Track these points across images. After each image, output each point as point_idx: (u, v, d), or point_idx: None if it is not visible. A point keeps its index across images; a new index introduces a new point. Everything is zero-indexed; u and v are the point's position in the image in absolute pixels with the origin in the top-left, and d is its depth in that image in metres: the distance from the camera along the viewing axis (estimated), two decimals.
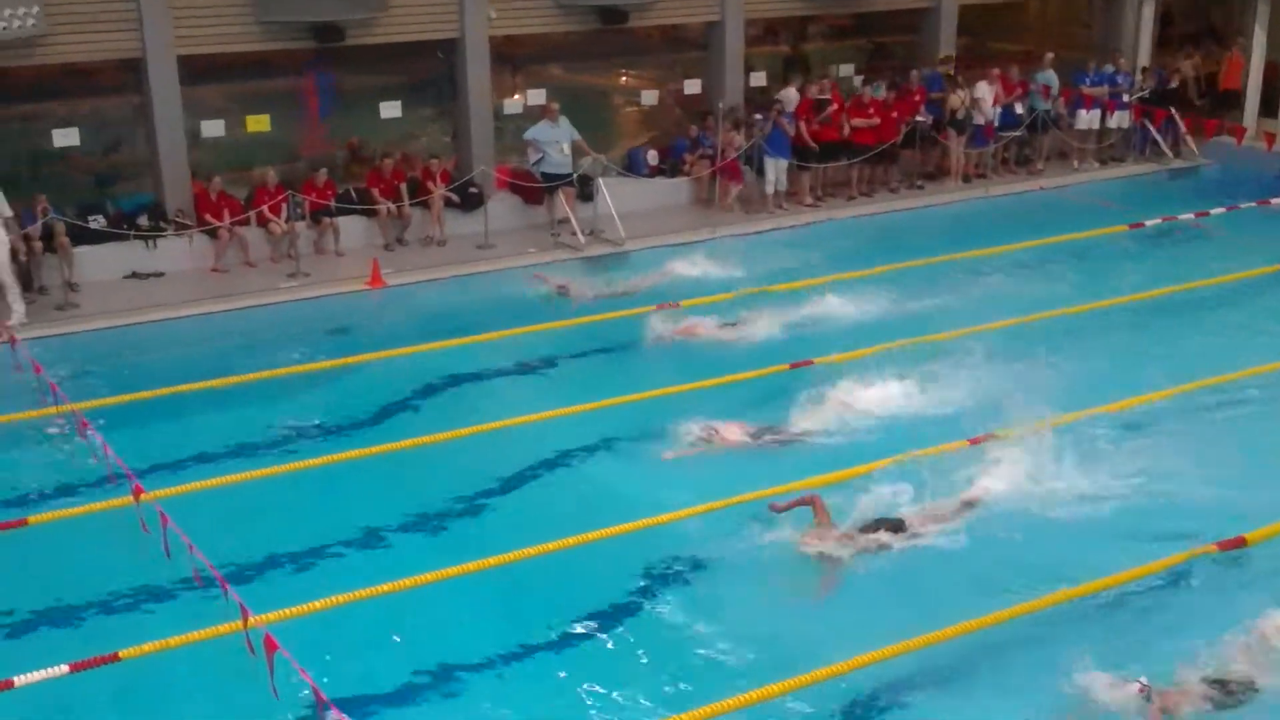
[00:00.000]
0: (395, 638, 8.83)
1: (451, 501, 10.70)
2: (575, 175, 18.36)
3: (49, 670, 8.03)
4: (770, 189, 19.37)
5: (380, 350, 13.93)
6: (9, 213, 14.82)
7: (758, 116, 19.42)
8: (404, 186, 17.87)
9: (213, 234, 16.79)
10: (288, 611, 8.61)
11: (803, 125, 19.39)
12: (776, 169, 19.29)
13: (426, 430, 11.85)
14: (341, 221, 17.54)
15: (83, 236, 16.21)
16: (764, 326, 14.32)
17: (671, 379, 12.79)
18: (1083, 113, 21.73)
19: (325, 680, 7.15)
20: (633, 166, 19.95)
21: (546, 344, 14.15)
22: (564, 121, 18.16)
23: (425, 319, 15.10)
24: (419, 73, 18.86)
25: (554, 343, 14.19)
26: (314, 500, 10.61)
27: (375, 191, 17.74)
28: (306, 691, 7.07)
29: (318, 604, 8.80)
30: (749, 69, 20.70)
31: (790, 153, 19.33)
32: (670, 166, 20.19)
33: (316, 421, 12.37)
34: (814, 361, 13.07)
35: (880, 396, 12.20)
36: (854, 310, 14.77)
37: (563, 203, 18.20)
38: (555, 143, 18.07)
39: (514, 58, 19.30)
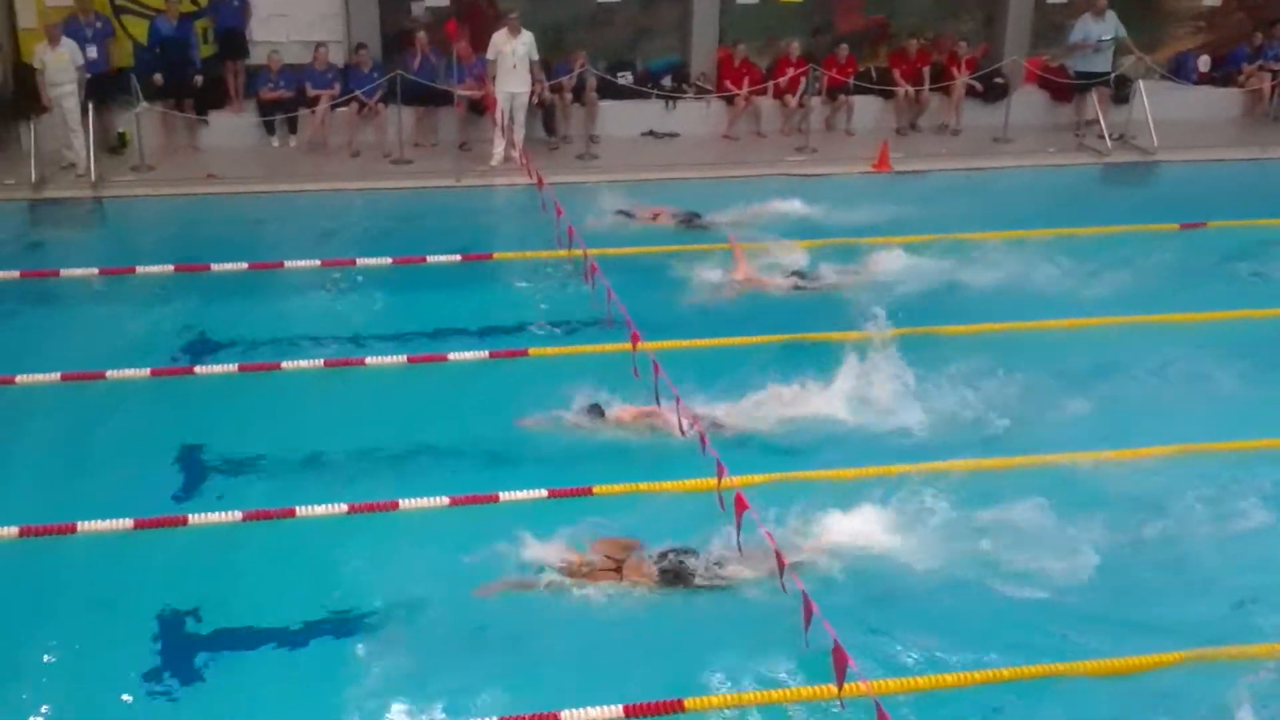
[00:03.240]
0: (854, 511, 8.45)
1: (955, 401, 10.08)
2: (1113, 75, 16.99)
3: (532, 492, 8.52)
4: None
5: (875, 236, 13.45)
6: (536, 56, 15.55)
7: None
8: (927, 70, 17.29)
9: (729, 100, 16.95)
10: (758, 477, 8.57)
11: None
12: None
13: (926, 321, 11.35)
14: (857, 100, 17.21)
15: (608, 92, 16.84)
16: None
17: None
18: None
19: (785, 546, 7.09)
20: (1180, 72, 18.24)
21: (1061, 249, 13.15)
22: (1110, 17, 16.82)
23: (929, 209, 14.47)
24: None
25: (1069, 248, 13.18)
26: (797, 371, 10.38)
27: (896, 73, 17.30)
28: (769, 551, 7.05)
29: (786, 475, 8.75)
30: None
31: None
32: (1222, 76, 18.30)
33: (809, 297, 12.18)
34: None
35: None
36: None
37: (1094, 103, 16.94)
38: (1096, 39, 16.79)
39: None
